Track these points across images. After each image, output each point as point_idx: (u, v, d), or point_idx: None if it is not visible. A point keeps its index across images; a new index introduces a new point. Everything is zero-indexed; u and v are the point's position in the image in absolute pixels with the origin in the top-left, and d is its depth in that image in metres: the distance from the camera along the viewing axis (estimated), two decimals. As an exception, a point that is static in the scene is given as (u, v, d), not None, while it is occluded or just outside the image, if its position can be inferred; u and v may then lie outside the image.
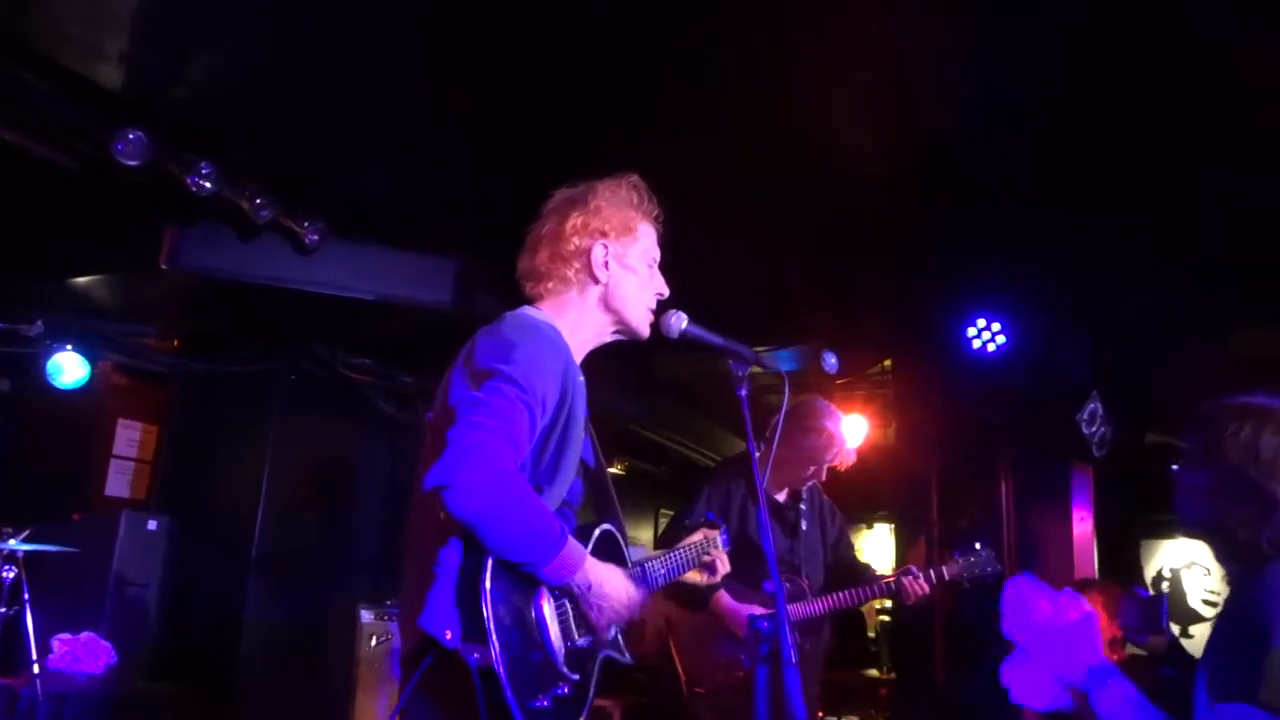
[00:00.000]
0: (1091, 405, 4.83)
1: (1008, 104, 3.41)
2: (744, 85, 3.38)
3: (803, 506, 3.99)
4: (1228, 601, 1.85)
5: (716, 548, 2.59)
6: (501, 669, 1.75)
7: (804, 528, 3.98)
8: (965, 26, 3.03)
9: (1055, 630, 1.82)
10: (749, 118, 3.55)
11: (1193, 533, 1.94)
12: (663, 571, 2.39)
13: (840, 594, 3.83)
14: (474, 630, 1.77)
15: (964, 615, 5.18)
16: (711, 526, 2.63)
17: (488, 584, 1.79)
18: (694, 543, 2.55)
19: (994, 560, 3.88)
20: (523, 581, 1.88)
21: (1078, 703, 1.81)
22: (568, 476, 2.05)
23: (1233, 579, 1.86)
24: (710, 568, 2.59)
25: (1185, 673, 1.94)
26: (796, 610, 3.75)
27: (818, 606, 3.82)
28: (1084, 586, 4.32)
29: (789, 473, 3.94)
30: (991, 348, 4.92)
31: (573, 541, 1.92)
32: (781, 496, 4.03)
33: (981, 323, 4.90)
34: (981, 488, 5.29)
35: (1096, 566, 5.49)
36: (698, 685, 3.83)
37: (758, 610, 3.63)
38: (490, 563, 1.81)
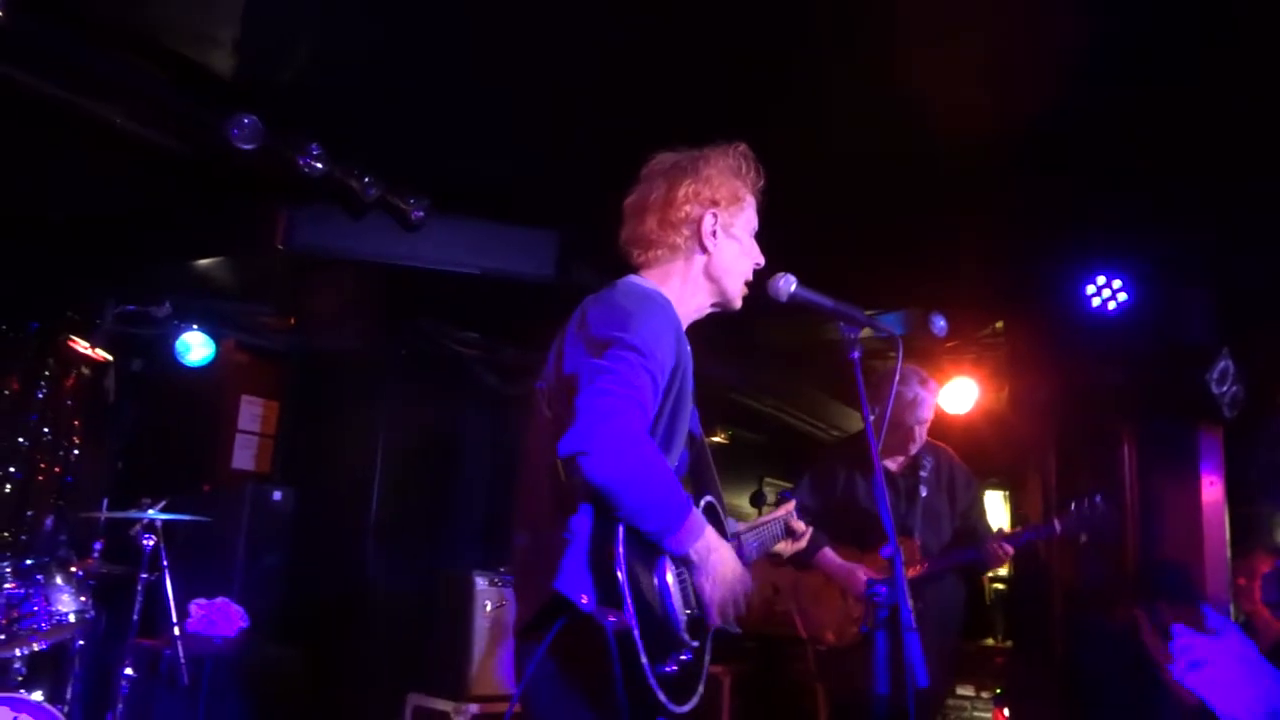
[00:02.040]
0: (1222, 363, 4.57)
1: (1126, 56, 3.24)
2: (850, 43, 3.29)
3: (922, 474, 3.91)
4: None
5: (793, 521, 2.65)
6: (637, 632, 1.77)
7: (923, 494, 3.90)
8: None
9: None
10: (855, 77, 3.46)
11: None
12: (755, 544, 2.42)
13: (926, 563, 3.81)
14: (609, 594, 1.79)
15: (1083, 582, 5.02)
16: (786, 502, 2.69)
17: (621, 550, 1.81)
18: (778, 516, 2.59)
19: (1112, 515, 3.76)
20: (649, 550, 1.89)
21: None
22: (679, 446, 2.06)
23: None
24: (794, 536, 2.65)
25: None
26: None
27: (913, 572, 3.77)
28: (1249, 550, 4.15)
29: (886, 437, 3.87)
30: (1112, 305, 4.70)
31: (696, 510, 1.93)
32: (893, 465, 3.97)
33: (1101, 280, 4.69)
34: (1102, 453, 5.08)
35: (1228, 534, 5.23)
36: (819, 644, 3.88)
37: (862, 569, 3.64)
38: (622, 530, 1.83)
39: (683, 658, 1.90)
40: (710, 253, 2.19)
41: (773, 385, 7.41)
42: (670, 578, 1.91)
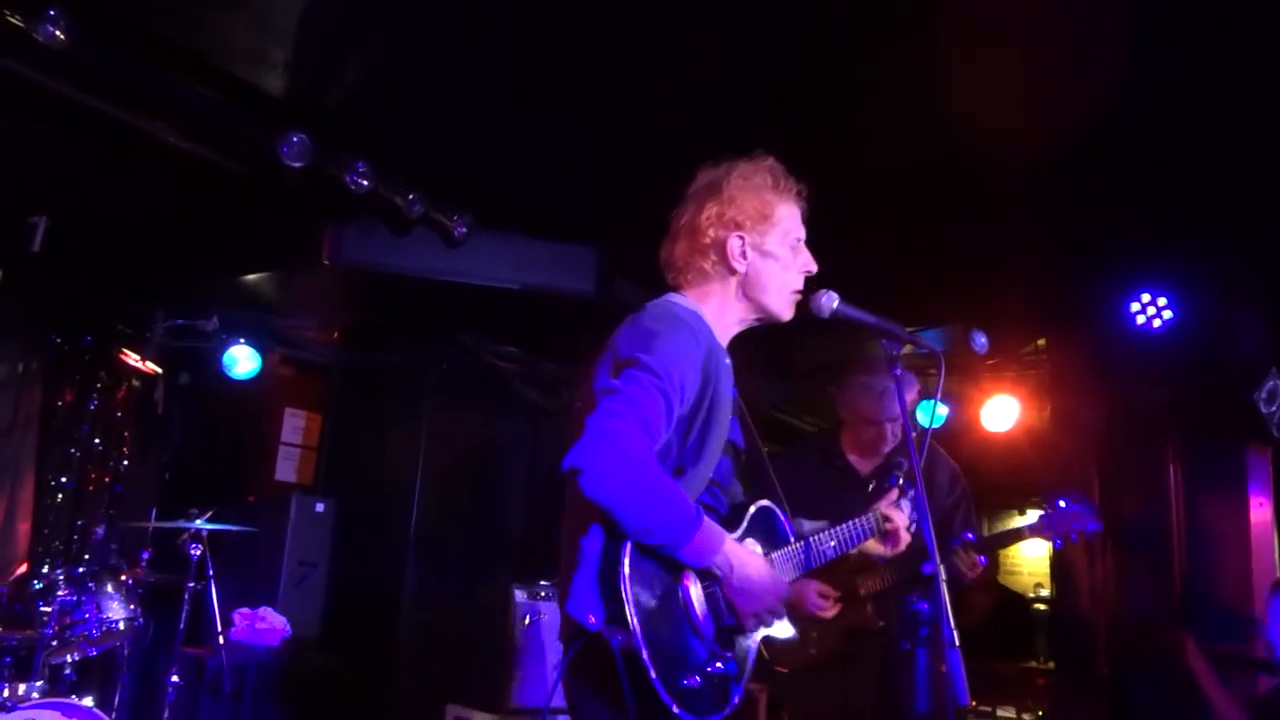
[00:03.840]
0: (1271, 382, 4.50)
1: (1172, 73, 3.22)
2: (893, 57, 3.29)
3: (896, 474, 3.58)
4: None
5: (895, 513, 2.47)
6: (644, 650, 1.79)
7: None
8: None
9: None
10: (900, 92, 3.46)
11: None
12: (832, 544, 2.35)
13: (890, 575, 3.40)
14: (615, 614, 1.82)
15: (1128, 604, 4.95)
16: (889, 490, 2.53)
17: (626, 569, 1.83)
18: (874, 511, 2.48)
19: (1089, 515, 3.39)
20: (667, 564, 1.91)
21: None
22: (713, 457, 2.07)
23: None
24: (892, 537, 2.49)
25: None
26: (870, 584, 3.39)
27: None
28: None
29: (857, 435, 3.68)
30: (1157, 324, 4.65)
31: (710, 523, 1.94)
32: (863, 465, 3.67)
33: (1146, 298, 4.64)
34: (1147, 473, 5.01)
35: (1278, 556, 5.13)
36: (778, 665, 3.55)
37: (815, 585, 3.21)
38: (629, 547, 1.85)
39: (711, 670, 1.91)
40: (742, 273, 2.20)
41: (812, 403, 7.38)
42: (694, 590, 1.92)
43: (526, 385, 6.15)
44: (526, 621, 4.57)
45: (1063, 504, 3.43)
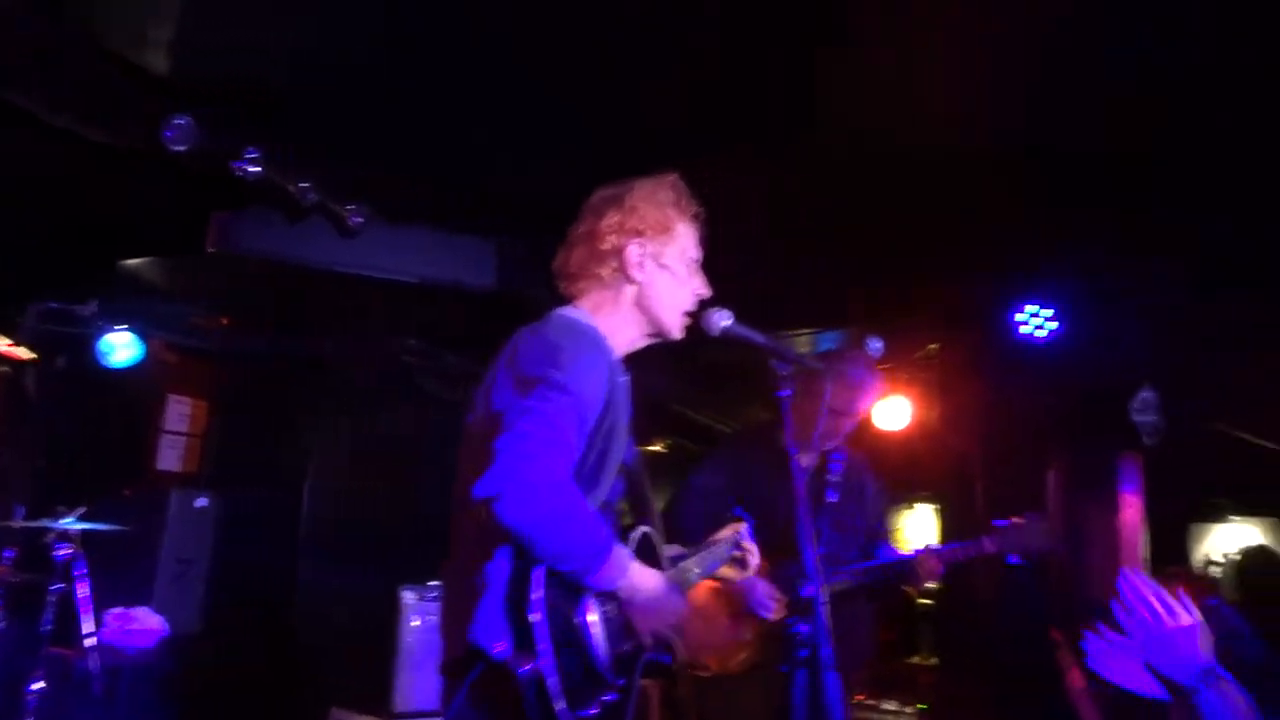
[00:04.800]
0: (1144, 394, 4.73)
1: (1062, 83, 3.30)
2: (796, 66, 3.29)
3: (830, 476, 3.48)
4: None
5: (745, 541, 2.57)
6: (551, 680, 1.75)
7: (831, 499, 3.45)
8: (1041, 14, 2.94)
9: (1167, 630, 1.83)
10: (806, 102, 3.47)
11: None
12: (697, 571, 2.40)
13: (842, 575, 3.35)
14: (523, 642, 1.78)
15: (1011, 597, 5.14)
16: (737, 521, 2.60)
17: (535, 595, 1.80)
18: (724, 539, 2.55)
19: (1045, 532, 3.43)
20: (569, 590, 1.88)
21: (1176, 698, 1.80)
22: (610, 478, 2.05)
23: None
24: (742, 563, 2.56)
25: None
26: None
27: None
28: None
29: (804, 426, 3.24)
30: (1041, 334, 4.83)
31: (619, 546, 1.92)
32: (804, 460, 3.43)
33: (1032, 308, 4.81)
34: (1028, 476, 5.22)
35: (1145, 552, 5.40)
36: (700, 669, 3.39)
37: (761, 584, 3.18)
38: (537, 574, 1.81)
39: (606, 699, 1.89)
40: (639, 283, 2.18)
41: (712, 399, 7.45)
42: (593, 617, 1.90)
43: (427, 378, 6.04)
44: (415, 623, 4.50)
45: (1019, 520, 3.44)
